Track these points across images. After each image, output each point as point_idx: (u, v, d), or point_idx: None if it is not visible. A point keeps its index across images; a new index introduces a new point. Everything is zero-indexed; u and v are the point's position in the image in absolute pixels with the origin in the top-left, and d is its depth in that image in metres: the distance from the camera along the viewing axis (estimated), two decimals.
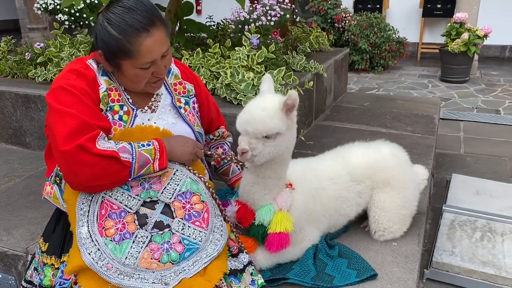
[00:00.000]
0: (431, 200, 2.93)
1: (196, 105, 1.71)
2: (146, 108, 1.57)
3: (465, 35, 5.97)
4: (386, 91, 6.04)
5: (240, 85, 2.28)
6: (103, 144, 1.32)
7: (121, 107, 1.48)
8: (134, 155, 1.35)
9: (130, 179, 1.37)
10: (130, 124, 1.49)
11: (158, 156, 1.39)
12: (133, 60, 1.40)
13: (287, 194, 1.57)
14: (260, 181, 1.53)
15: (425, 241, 2.50)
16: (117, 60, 1.41)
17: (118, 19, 1.36)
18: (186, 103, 1.66)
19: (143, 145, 1.39)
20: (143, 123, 1.52)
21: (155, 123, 1.55)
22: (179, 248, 1.35)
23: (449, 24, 6.35)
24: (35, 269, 1.55)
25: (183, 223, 1.39)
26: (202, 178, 1.51)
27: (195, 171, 1.51)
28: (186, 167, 1.50)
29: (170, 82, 1.65)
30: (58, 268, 1.47)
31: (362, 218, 1.91)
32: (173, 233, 1.37)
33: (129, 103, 1.51)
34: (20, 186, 2.41)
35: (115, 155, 1.31)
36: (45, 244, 1.54)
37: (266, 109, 1.40)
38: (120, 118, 1.47)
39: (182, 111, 1.63)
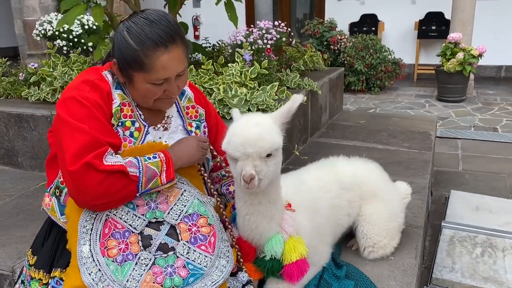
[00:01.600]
0: (429, 217, 2.88)
1: (206, 130, 1.64)
2: (159, 126, 1.51)
3: (460, 55, 6.02)
4: (383, 111, 6.04)
5: (233, 100, 2.27)
6: (110, 160, 1.28)
7: (133, 123, 1.43)
8: (141, 169, 1.30)
9: (138, 195, 1.32)
10: (141, 141, 1.44)
11: (165, 168, 1.34)
12: (146, 74, 1.33)
13: (290, 218, 1.47)
14: (257, 211, 1.39)
15: (425, 258, 2.45)
16: (130, 71, 1.35)
17: (138, 30, 1.31)
18: (197, 127, 1.60)
19: (149, 158, 1.34)
20: (154, 141, 1.47)
21: (165, 141, 1.50)
22: (183, 273, 1.29)
23: (444, 44, 6.41)
24: (22, 282, 1.49)
25: (188, 247, 1.33)
26: (210, 199, 1.47)
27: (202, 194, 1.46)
28: (194, 188, 1.45)
29: (183, 105, 1.59)
30: (46, 284, 1.40)
31: (349, 237, 1.88)
32: (177, 257, 1.31)
33: (141, 120, 1.45)
34: (9, 206, 2.37)
35: (122, 169, 1.27)
36: (33, 257, 1.48)
37: (261, 124, 1.29)
38: (131, 135, 1.42)
39: (193, 135, 1.56)
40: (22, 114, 2.73)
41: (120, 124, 1.40)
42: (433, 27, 8.05)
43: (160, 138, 1.50)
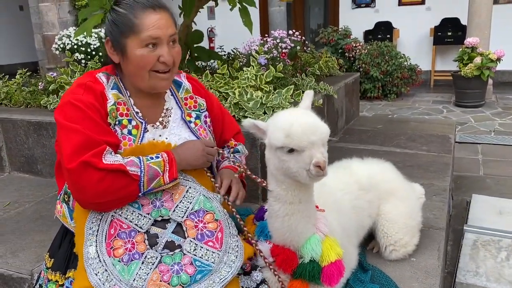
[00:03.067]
0: (451, 222, 2.82)
1: (208, 119, 1.65)
2: (157, 123, 1.52)
3: (478, 59, 5.94)
4: (401, 117, 5.98)
5: (249, 103, 2.26)
6: (110, 158, 1.29)
7: (130, 121, 1.45)
8: (142, 168, 1.31)
9: (140, 194, 1.33)
10: (140, 138, 1.45)
11: (168, 168, 1.35)
12: (137, 36, 1.37)
13: (324, 217, 1.43)
14: (296, 209, 1.35)
15: (447, 263, 2.39)
16: (123, 41, 1.39)
17: (127, 0, 1.40)
18: (197, 117, 1.61)
19: (152, 158, 1.35)
20: (154, 139, 1.48)
21: (167, 138, 1.51)
22: (190, 270, 1.28)
23: (460, 49, 6.34)
24: (40, 285, 1.51)
25: (195, 244, 1.32)
26: (216, 195, 1.46)
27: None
28: (200, 185, 1.45)
29: (181, 97, 1.61)
30: (62, 285, 1.42)
31: (368, 240, 1.84)
32: (184, 254, 1.30)
33: (137, 117, 1.47)
34: (29, 211, 2.39)
35: (122, 168, 1.28)
36: (50, 260, 1.51)
37: (310, 113, 1.30)
38: (129, 132, 1.44)
39: (192, 125, 1.58)
40: (41, 122, 2.77)
41: (117, 122, 1.42)
42: (449, 33, 7.98)
43: (160, 136, 1.51)
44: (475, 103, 6.23)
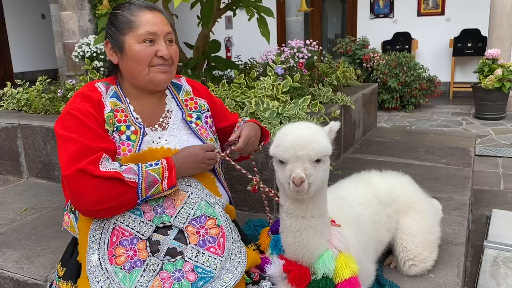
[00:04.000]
0: (470, 237, 2.75)
1: (209, 120, 1.66)
2: (156, 126, 1.54)
3: (499, 71, 5.84)
4: (419, 128, 5.90)
5: (265, 113, 2.25)
6: (106, 166, 1.30)
7: (128, 127, 1.46)
8: (140, 175, 1.31)
9: (139, 201, 1.33)
10: (139, 143, 1.46)
11: (167, 175, 1.35)
12: (135, 32, 1.44)
13: (338, 232, 1.39)
14: (308, 224, 1.31)
15: (466, 279, 2.32)
16: (121, 39, 1.45)
17: (127, 4, 1.50)
18: (198, 118, 1.62)
19: (151, 165, 1.35)
20: (153, 141, 1.49)
21: (166, 140, 1.52)
22: (191, 277, 1.26)
23: (481, 61, 6.25)
24: None
25: (197, 250, 1.31)
26: (218, 199, 1.45)
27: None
28: (203, 189, 1.44)
29: (181, 98, 1.64)
30: None
31: (384, 255, 1.79)
32: (185, 261, 1.29)
33: (136, 123, 1.49)
34: (45, 217, 2.41)
35: (118, 176, 1.28)
36: (62, 270, 1.51)
37: (311, 128, 1.26)
38: (128, 138, 1.45)
39: (193, 125, 1.59)
40: None
41: (115, 129, 1.44)
42: (468, 44, 7.88)
43: (159, 138, 1.51)
44: (495, 116, 6.11)
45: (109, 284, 1.26)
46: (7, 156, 3.11)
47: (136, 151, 1.44)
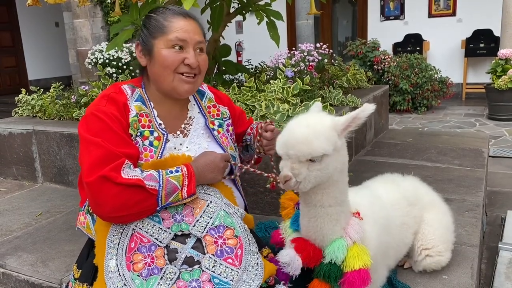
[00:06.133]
0: (485, 239, 2.71)
1: (230, 128, 1.66)
2: (178, 132, 1.54)
3: None
4: (431, 130, 5.85)
5: (275, 115, 2.26)
6: (128, 173, 1.29)
7: (151, 132, 1.46)
8: (161, 183, 1.30)
9: (158, 208, 1.32)
10: (161, 149, 1.45)
11: (187, 183, 1.34)
12: (165, 36, 1.44)
13: (358, 224, 1.37)
14: (322, 212, 1.31)
15: (481, 282, 2.29)
16: (151, 42, 1.46)
17: (162, 8, 1.51)
18: (220, 125, 1.62)
19: (171, 172, 1.34)
20: (175, 148, 1.50)
21: (187, 147, 1.52)
22: (208, 287, 1.26)
23: (494, 61, 6.18)
24: None
25: (214, 260, 1.30)
26: (238, 209, 1.44)
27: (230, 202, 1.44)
28: (222, 198, 1.44)
29: (204, 105, 1.64)
30: None
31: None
32: (203, 271, 1.28)
33: (160, 129, 1.48)
34: (60, 221, 2.45)
35: (140, 183, 1.28)
36: (78, 271, 1.51)
37: (310, 126, 1.22)
38: (151, 144, 1.45)
39: (216, 133, 1.59)
40: (73, 134, 2.84)
41: (139, 134, 1.43)
42: (481, 44, 7.81)
43: (181, 144, 1.51)
44: (509, 116, 6.04)
45: None
46: (23, 161, 3.17)
47: (158, 157, 1.44)
